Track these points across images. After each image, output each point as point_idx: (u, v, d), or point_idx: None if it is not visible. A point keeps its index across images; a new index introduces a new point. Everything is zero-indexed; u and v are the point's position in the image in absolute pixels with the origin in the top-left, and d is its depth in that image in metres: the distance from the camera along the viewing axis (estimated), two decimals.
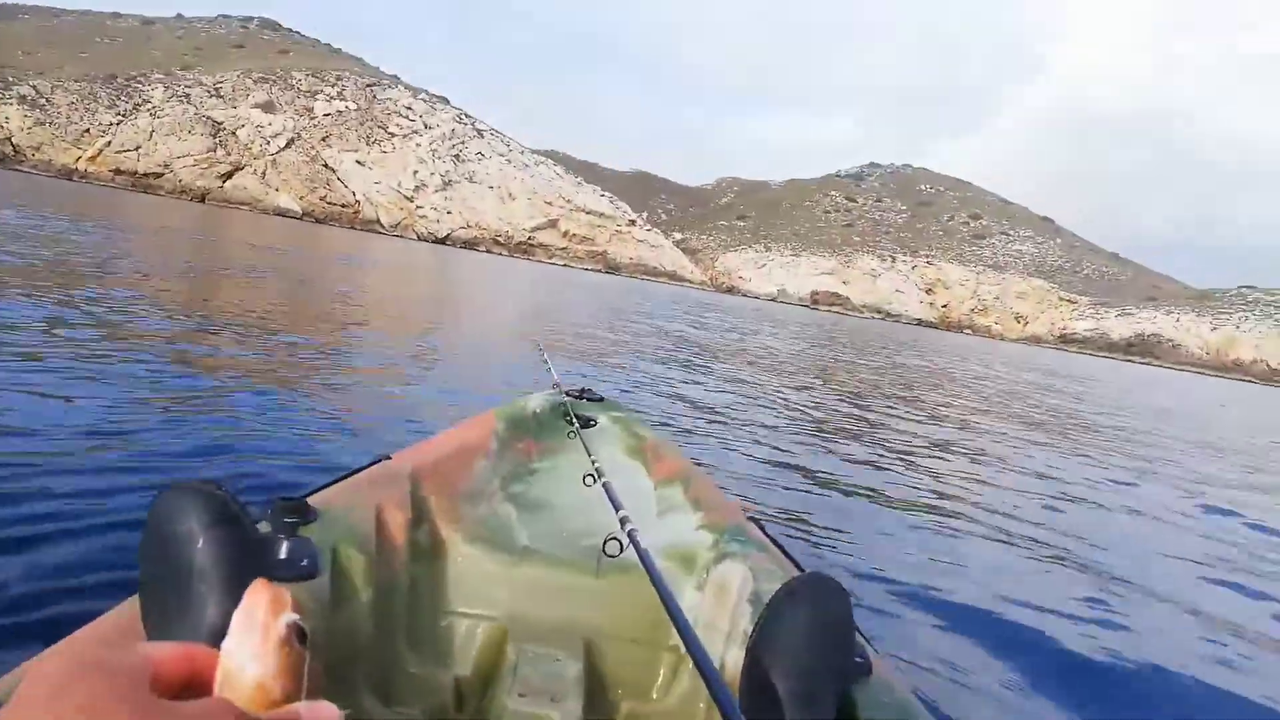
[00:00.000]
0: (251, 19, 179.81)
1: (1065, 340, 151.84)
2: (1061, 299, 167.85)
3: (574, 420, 2.87)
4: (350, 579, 1.43)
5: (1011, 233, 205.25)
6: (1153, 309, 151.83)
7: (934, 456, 7.98)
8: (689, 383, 10.44)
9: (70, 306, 7.41)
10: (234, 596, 0.80)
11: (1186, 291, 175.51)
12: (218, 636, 0.43)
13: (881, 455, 7.52)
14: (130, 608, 1.05)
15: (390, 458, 2.04)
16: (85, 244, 14.38)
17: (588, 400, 3.31)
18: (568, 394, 3.23)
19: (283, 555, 1.26)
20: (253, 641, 0.37)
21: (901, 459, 7.50)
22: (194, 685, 0.38)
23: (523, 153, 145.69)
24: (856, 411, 10.62)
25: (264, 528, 1.32)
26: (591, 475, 2.04)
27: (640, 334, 17.45)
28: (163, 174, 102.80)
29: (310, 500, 1.50)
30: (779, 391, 11.38)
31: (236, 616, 0.38)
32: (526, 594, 1.80)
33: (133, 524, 2.95)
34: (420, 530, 1.82)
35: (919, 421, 10.61)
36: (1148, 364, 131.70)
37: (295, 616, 0.38)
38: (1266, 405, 42.85)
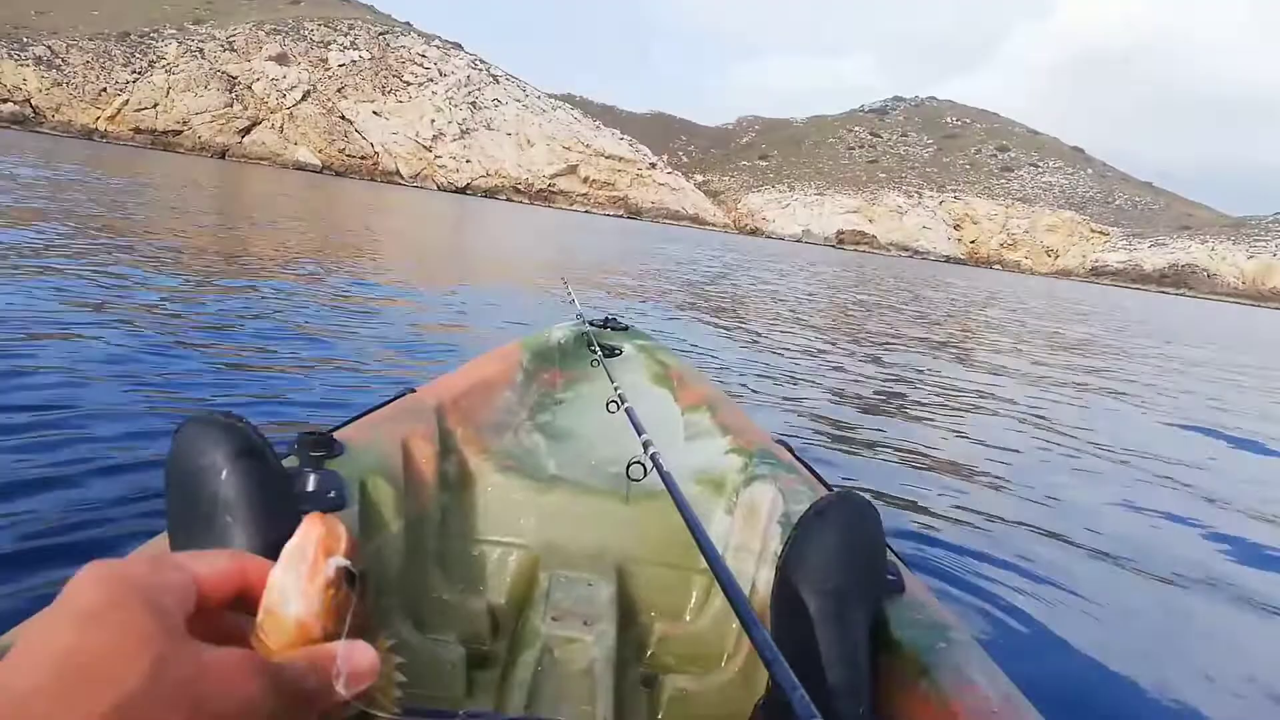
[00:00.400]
0: None
1: (1097, 273, 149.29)
2: (1093, 230, 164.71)
3: (597, 349, 2.85)
4: (379, 510, 1.45)
5: (1041, 164, 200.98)
6: (1187, 238, 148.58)
7: (969, 391, 7.84)
8: (706, 326, 10.33)
9: (96, 252, 7.40)
10: (261, 528, 0.87)
11: (1222, 220, 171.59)
12: None
13: (915, 393, 7.39)
14: (160, 542, 1.05)
15: (415, 391, 2.04)
16: (111, 199, 14.40)
17: (612, 329, 3.28)
18: (591, 324, 3.21)
19: (310, 488, 1.26)
20: (298, 578, 0.35)
21: (936, 397, 7.37)
22: (244, 597, 0.37)
23: (539, 97, 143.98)
24: (880, 350, 10.46)
25: (290, 462, 1.34)
26: (615, 401, 2.05)
27: (658, 285, 17.30)
28: (182, 131, 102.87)
29: (336, 435, 1.51)
30: (797, 332, 11.24)
31: (288, 549, 0.37)
32: (556, 521, 1.80)
33: (158, 453, 2.94)
34: (448, 461, 1.83)
35: (947, 360, 10.44)
36: (1181, 295, 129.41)
37: (345, 561, 0.36)
38: None
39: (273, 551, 0.46)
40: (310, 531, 0.36)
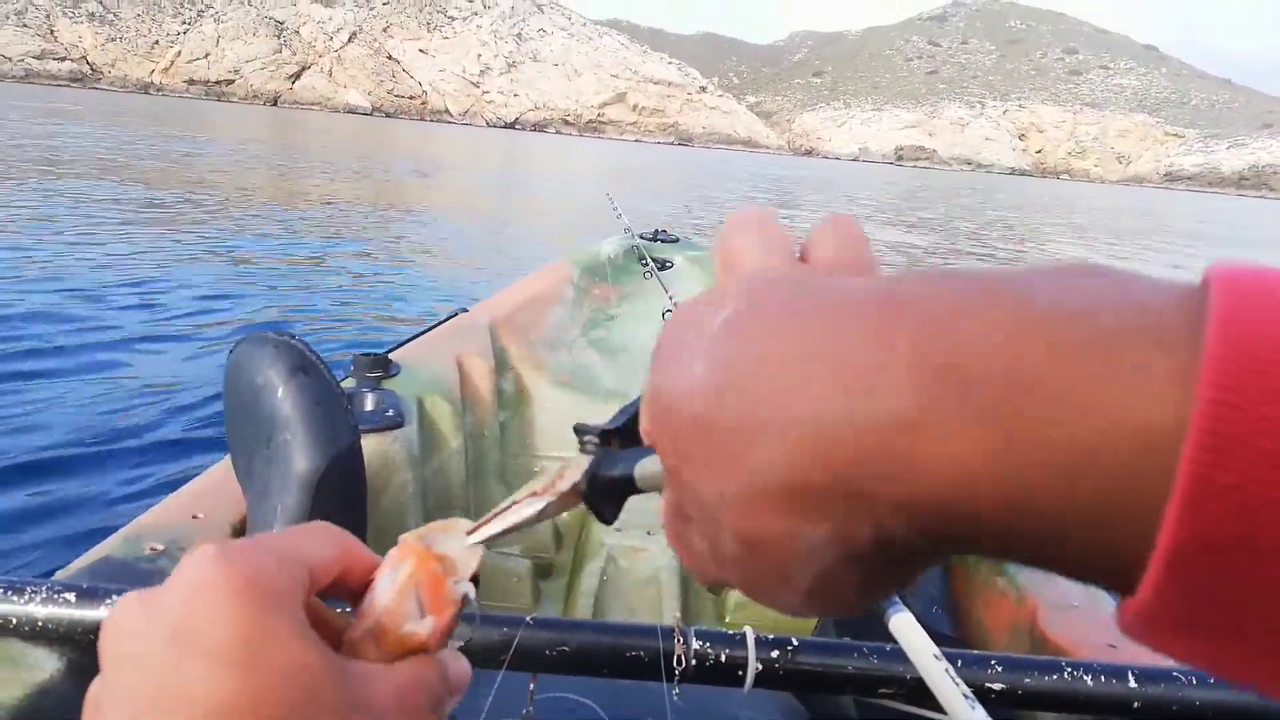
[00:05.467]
0: None
1: (1171, 178, 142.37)
2: (1167, 134, 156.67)
3: (649, 261, 2.73)
4: (438, 427, 1.48)
5: (1111, 65, 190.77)
6: (1268, 137, 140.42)
7: None
8: None
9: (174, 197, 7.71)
10: (321, 444, 0.90)
11: None
12: (308, 485, 0.45)
13: None
14: (227, 462, 1.05)
15: (467, 311, 2.07)
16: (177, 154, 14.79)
17: (662, 241, 3.19)
18: (641, 236, 3.12)
19: (368, 407, 1.27)
20: (419, 608, 0.28)
21: None
22: (336, 585, 0.29)
23: (585, 24, 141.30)
24: None
25: (349, 383, 1.37)
26: (670, 311, 1.96)
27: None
28: (234, 80, 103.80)
29: (392, 356, 1.54)
30: None
31: (400, 579, 0.28)
32: None
33: (215, 374, 3.22)
34: (504, 379, 1.87)
35: None
36: (1262, 197, 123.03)
37: (469, 586, 0.29)
38: None
39: (335, 467, 0.48)
40: (419, 569, 0.28)
